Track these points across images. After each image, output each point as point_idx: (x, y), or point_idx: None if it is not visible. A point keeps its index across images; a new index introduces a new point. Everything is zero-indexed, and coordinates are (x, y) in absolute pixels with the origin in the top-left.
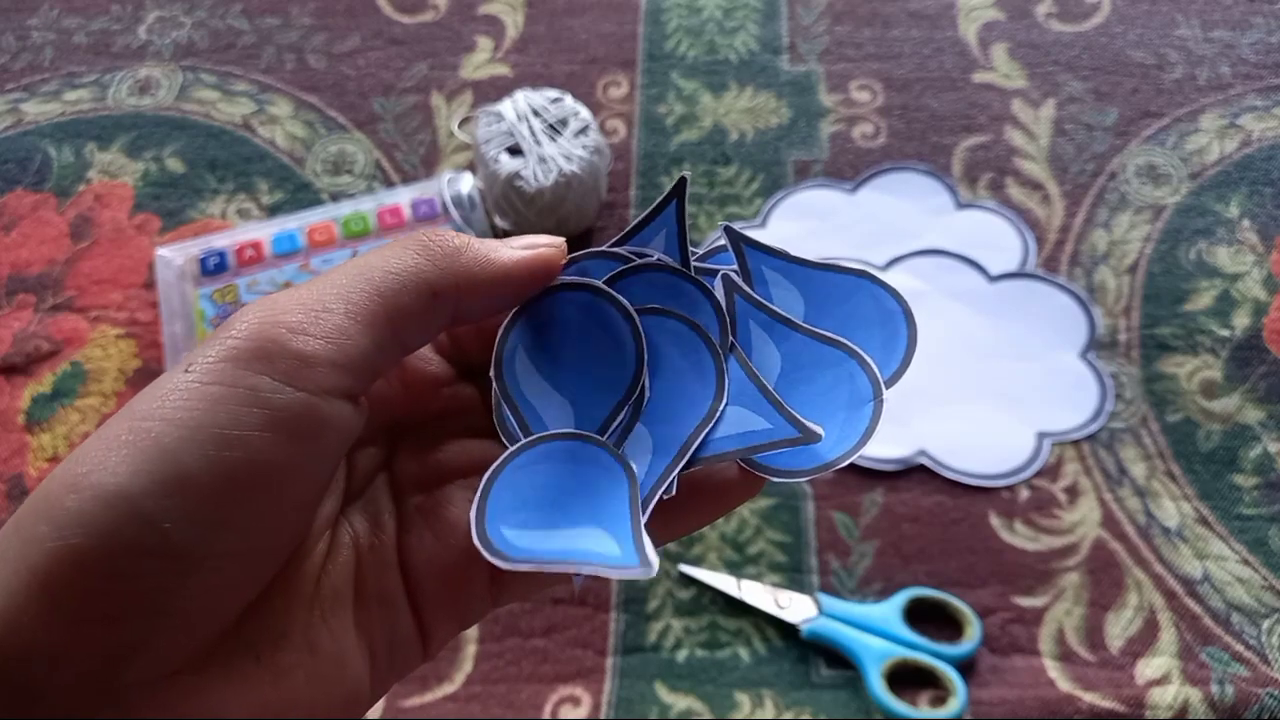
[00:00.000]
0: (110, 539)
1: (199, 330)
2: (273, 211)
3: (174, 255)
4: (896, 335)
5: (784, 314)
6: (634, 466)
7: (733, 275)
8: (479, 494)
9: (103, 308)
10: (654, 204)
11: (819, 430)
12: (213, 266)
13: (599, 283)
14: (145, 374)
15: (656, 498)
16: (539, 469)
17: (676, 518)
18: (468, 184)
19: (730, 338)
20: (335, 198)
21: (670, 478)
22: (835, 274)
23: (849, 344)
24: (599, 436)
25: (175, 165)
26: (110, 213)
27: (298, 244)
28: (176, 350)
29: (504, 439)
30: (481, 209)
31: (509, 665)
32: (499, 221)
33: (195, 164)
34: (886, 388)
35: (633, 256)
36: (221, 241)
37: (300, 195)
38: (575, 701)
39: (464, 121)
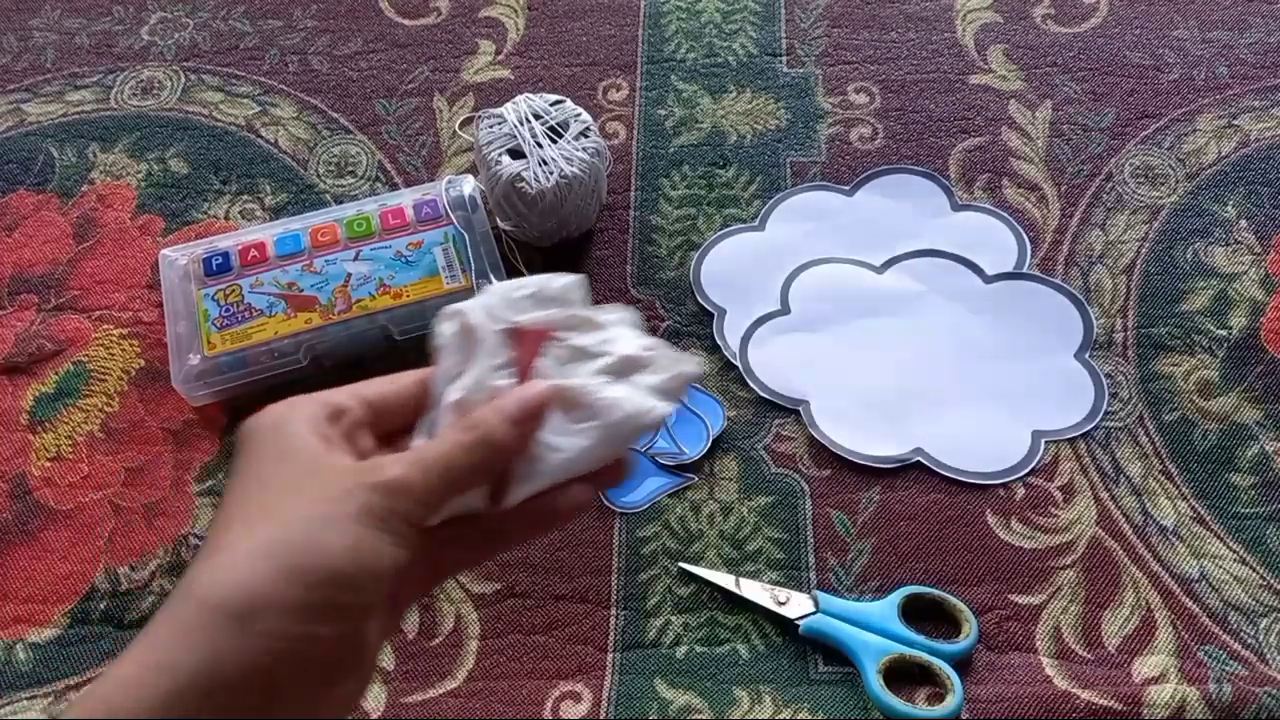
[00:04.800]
0: None
1: (203, 330)
2: (276, 213)
3: (178, 255)
4: (718, 416)
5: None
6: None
7: None
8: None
9: (106, 308)
10: None
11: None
12: (216, 267)
13: None
14: (148, 374)
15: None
16: None
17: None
18: (469, 186)
19: None
20: (338, 199)
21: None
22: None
23: (702, 414)
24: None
25: (178, 166)
26: (113, 213)
27: (301, 245)
28: (180, 350)
29: None
30: (483, 210)
31: (510, 661)
32: (500, 223)
33: (198, 165)
34: (711, 439)
35: None
36: (225, 242)
37: (303, 196)
38: (576, 698)
39: (465, 122)
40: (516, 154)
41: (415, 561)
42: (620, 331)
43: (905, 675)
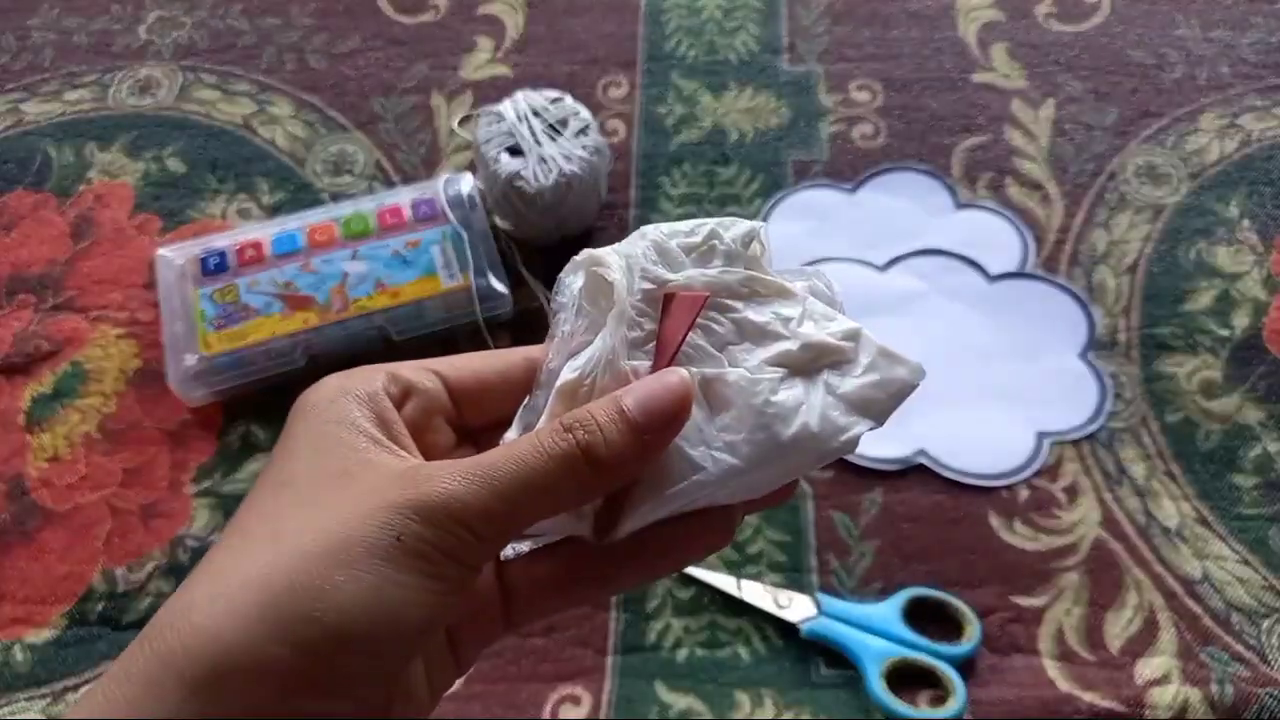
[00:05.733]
0: None
1: (200, 330)
2: (273, 211)
3: (175, 255)
4: None
5: None
6: None
7: None
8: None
9: (103, 308)
10: None
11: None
12: (213, 266)
13: None
14: (145, 374)
15: None
16: None
17: None
18: (467, 184)
19: None
20: (336, 198)
21: None
22: None
23: None
24: None
25: (176, 165)
26: (110, 213)
27: (298, 244)
28: (177, 350)
29: None
30: (481, 209)
31: (509, 664)
32: (499, 221)
33: (196, 164)
34: None
35: None
36: (222, 241)
37: (301, 195)
38: (575, 701)
39: (464, 120)
40: (515, 152)
41: (472, 609)
42: (811, 307)
43: (908, 678)
